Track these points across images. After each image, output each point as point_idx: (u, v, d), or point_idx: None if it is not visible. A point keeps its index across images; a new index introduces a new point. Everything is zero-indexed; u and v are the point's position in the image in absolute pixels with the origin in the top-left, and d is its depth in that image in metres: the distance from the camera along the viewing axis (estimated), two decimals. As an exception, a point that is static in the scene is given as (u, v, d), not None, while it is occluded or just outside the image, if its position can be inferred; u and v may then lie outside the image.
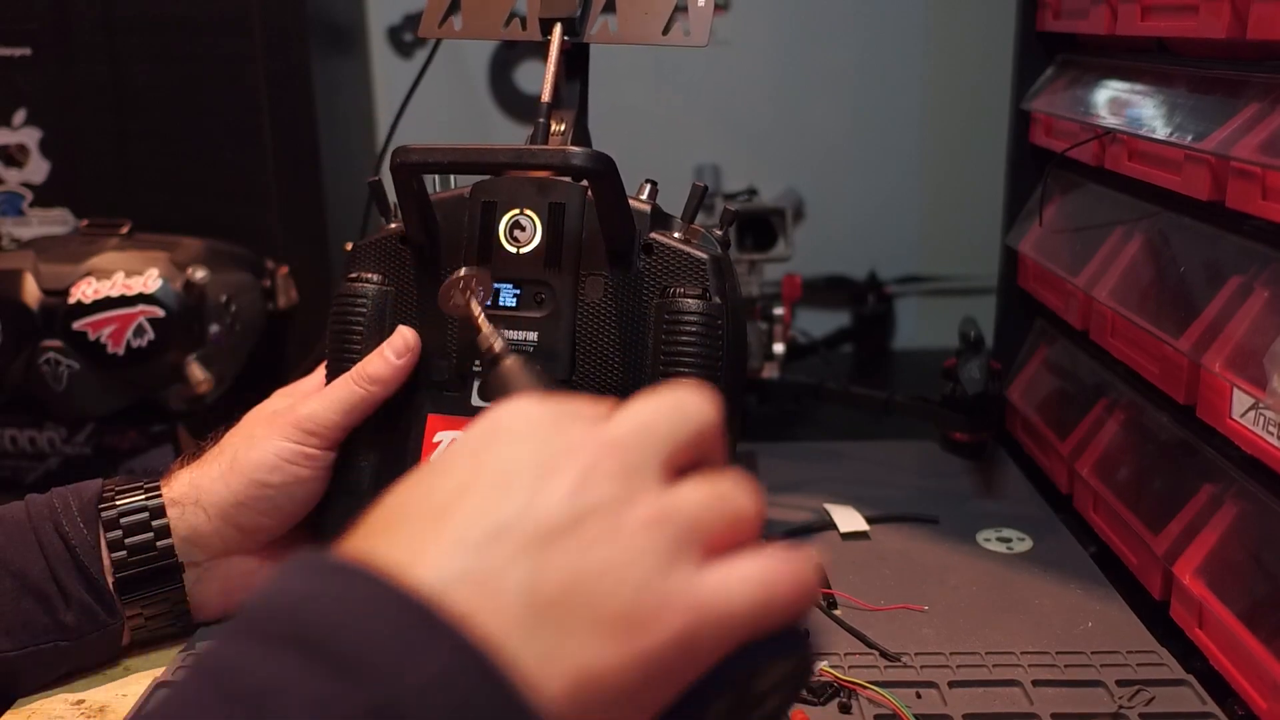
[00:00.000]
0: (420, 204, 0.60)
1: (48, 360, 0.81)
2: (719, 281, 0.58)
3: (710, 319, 0.57)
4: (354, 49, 1.19)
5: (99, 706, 0.56)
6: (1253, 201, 0.55)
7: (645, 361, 0.58)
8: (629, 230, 0.59)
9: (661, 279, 0.59)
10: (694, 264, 0.58)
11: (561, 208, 0.60)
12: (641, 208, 0.60)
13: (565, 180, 0.60)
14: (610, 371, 0.59)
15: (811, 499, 0.80)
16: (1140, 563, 0.65)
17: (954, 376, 0.87)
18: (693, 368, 0.57)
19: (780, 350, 0.95)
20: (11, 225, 0.97)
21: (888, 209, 1.25)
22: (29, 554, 0.57)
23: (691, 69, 1.22)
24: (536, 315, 0.60)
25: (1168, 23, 0.65)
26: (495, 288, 0.61)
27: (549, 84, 0.62)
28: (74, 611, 0.57)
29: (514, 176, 0.61)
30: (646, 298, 0.59)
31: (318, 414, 0.60)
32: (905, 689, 0.56)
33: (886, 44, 1.21)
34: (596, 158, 0.55)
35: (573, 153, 0.56)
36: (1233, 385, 0.55)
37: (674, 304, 0.58)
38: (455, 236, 0.62)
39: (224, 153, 0.96)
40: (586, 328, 0.59)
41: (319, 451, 0.60)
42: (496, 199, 0.61)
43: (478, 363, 0.60)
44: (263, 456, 0.59)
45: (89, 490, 0.60)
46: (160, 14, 0.94)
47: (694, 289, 0.58)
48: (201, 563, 0.60)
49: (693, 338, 0.57)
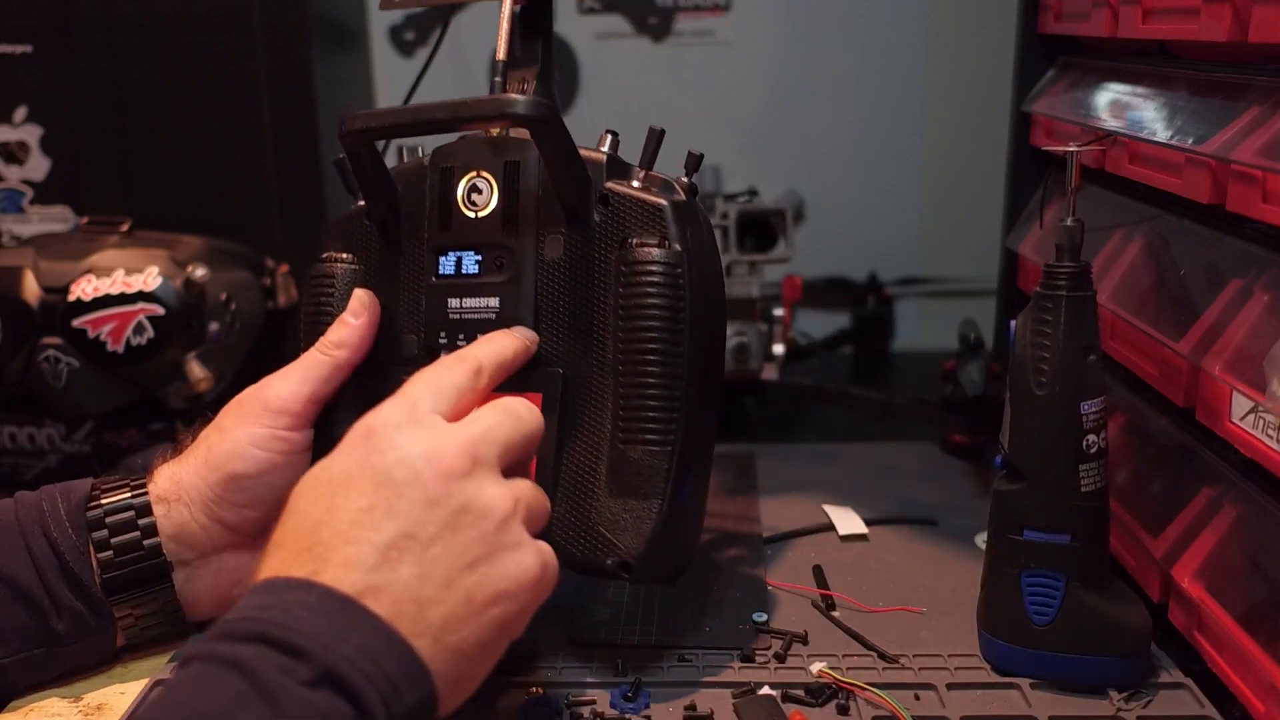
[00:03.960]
0: (377, 175, 0.59)
1: (47, 357, 0.81)
2: (679, 228, 0.56)
3: (669, 268, 0.55)
4: (355, 47, 1.19)
5: (97, 704, 0.56)
6: (1253, 205, 0.55)
7: (608, 318, 0.56)
8: (580, 182, 0.57)
9: (620, 230, 0.56)
10: (651, 211, 0.56)
11: (516, 166, 0.58)
12: (596, 157, 0.58)
13: (521, 138, 0.58)
14: (575, 332, 0.57)
15: (810, 501, 0.80)
16: (1139, 565, 0.65)
17: (953, 379, 0.87)
18: (654, 319, 0.54)
19: (780, 352, 0.95)
20: (12, 222, 0.97)
21: (888, 211, 1.25)
22: (18, 559, 0.56)
23: (692, 69, 1.22)
24: (498, 280, 0.58)
25: (1169, 25, 0.65)
26: (457, 255, 0.59)
27: (502, 40, 0.60)
28: (65, 619, 0.56)
29: (471, 140, 0.60)
30: (606, 251, 0.57)
31: (283, 391, 0.59)
32: (903, 691, 0.56)
33: (887, 46, 1.21)
34: (535, 105, 0.53)
35: (509, 100, 0.54)
36: (1232, 389, 0.55)
37: (631, 254, 0.55)
38: (418, 207, 0.61)
39: (224, 151, 0.96)
40: (548, 289, 0.58)
41: (290, 433, 0.58)
42: (453, 164, 0.60)
43: (443, 335, 0.60)
44: (234, 446, 0.58)
45: (78, 492, 0.58)
46: (161, 11, 0.94)
47: (652, 238, 0.56)
48: (191, 561, 0.59)
49: (652, 289, 0.55)
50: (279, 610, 0.42)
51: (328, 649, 0.41)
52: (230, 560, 0.60)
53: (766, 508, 0.79)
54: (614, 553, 0.55)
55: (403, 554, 0.44)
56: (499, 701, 0.56)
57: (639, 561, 0.55)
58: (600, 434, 0.56)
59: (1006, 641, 0.58)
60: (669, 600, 0.66)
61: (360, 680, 0.40)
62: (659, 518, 0.54)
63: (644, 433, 0.55)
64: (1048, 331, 0.56)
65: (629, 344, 0.55)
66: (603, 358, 0.56)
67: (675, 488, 0.55)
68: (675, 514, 0.55)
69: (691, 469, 0.56)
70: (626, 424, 0.55)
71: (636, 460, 0.55)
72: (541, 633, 0.62)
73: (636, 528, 0.55)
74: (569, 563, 0.55)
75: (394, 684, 0.41)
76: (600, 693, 0.56)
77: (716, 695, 0.56)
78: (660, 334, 0.54)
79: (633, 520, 0.55)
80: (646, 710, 0.55)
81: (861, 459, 0.89)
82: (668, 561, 0.57)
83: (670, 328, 0.55)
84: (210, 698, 0.40)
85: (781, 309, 0.95)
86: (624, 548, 0.55)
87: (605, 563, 0.55)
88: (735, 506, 0.79)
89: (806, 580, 0.69)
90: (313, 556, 0.44)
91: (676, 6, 1.21)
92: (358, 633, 0.42)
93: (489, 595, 0.46)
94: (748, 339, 0.92)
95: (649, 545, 0.54)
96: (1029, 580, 0.57)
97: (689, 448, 0.55)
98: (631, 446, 0.55)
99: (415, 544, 0.45)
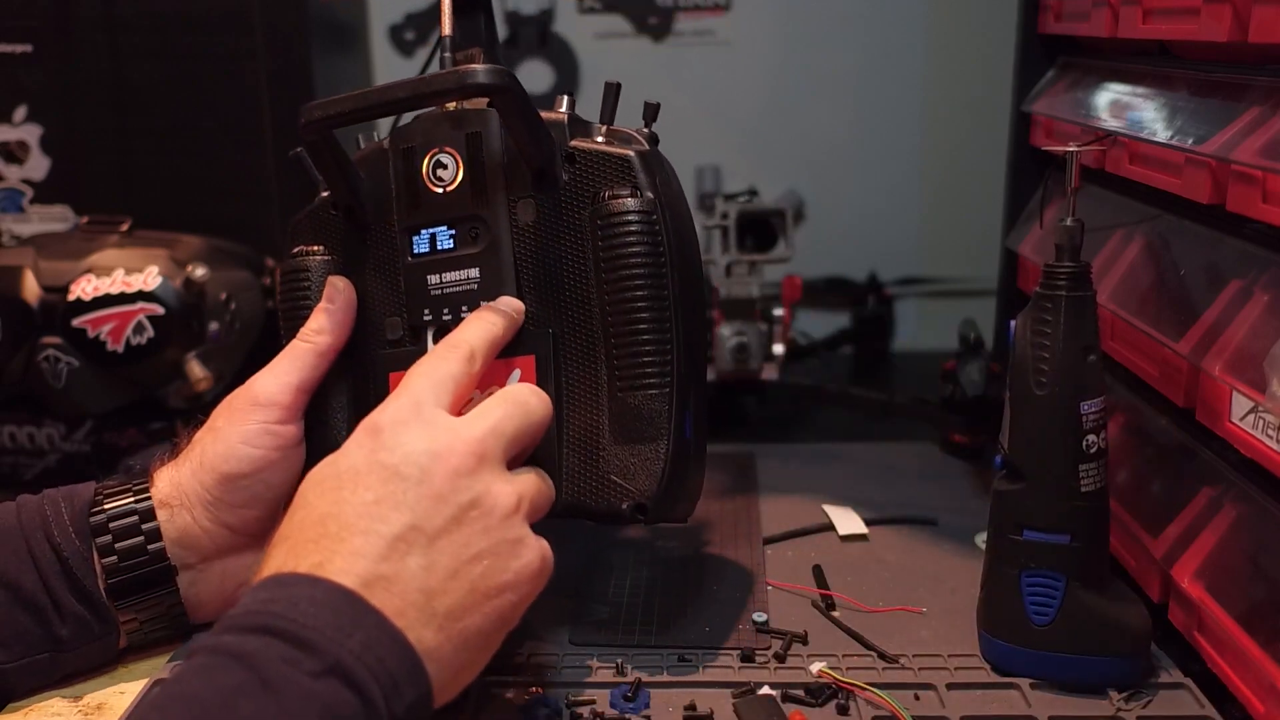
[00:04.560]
0: (338, 163, 0.60)
1: (47, 357, 0.81)
2: (648, 177, 0.56)
3: (645, 215, 0.56)
4: (355, 47, 1.19)
5: (97, 704, 0.56)
6: (1253, 205, 0.55)
7: (589, 273, 0.57)
8: (546, 144, 0.57)
9: (590, 185, 0.57)
10: (619, 163, 0.57)
11: (479, 136, 0.58)
12: (556, 118, 0.58)
13: (479, 109, 0.59)
14: (559, 291, 0.58)
15: (810, 501, 0.80)
16: (1139, 565, 0.65)
17: (953, 378, 0.87)
18: (637, 268, 0.55)
19: (780, 351, 0.95)
20: (12, 222, 0.97)
21: (888, 210, 1.25)
22: (21, 565, 0.56)
23: (692, 69, 1.22)
24: (475, 251, 0.59)
25: (1169, 26, 0.65)
26: (431, 232, 0.60)
27: (445, 16, 0.60)
28: (68, 624, 0.56)
29: (428, 117, 0.60)
30: (579, 208, 0.57)
31: (269, 384, 0.59)
32: (903, 690, 0.56)
33: (887, 45, 1.21)
34: (495, 72, 0.54)
35: (469, 71, 0.54)
36: (1232, 389, 0.55)
37: (605, 207, 0.56)
38: (383, 191, 0.61)
39: (224, 150, 0.96)
40: (526, 252, 0.58)
41: (281, 426, 0.58)
42: (414, 143, 0.60)
43: (427, 312, 0.60)
44: (228, 447, 0.58)
45: (81, 497, 0.58)
46: (161, 11, 0.94)
47: (623, 189, 0.56)
48: (195, 564, 0.59)
49: (631, 238, 0.55)
50: (285, 604, 0.43)
51: (334, 642, 0.41)
52: (234, 562, 0.60)
53: (766, 508, 0.79)
54: (628, 497, 0.56)
55: (410, 545, 0.46)
56: (499, 701, 0.56)
57: (653, 502, 0.56)
58: (597, 386, 0.57)
59: (1006, 641, 0.58)
60: (669, 600, 0.66)
61: (365, 674, 0.41)
62: (667, 457, 0.56)
63: (642, 378, 0.56)
64: (1048, 331, 0.56)
65: (615, 294, 0.56)
66: (589, 312, 0.57)
67: (678, 426, 0.56)
68: (681, 453, 0.56)
69: (690, 407, 0.57)
70: (623, 372, 0.56)
71: (637, 405, 0.56)
72: (542, 632, 0.62)
73: (647, 469, 0.56)
74: (586, 514, 0.57)
75: (395, 680, 0.42)
76: (600, 693, 0.56)
77: (716, 695, 0.56)
78: (645, 281, 0.55)
79: (641, 463, 0.56)
80: (646, 710, 0.55)
81: (861, 459, 0.89)
82: (679, 499, 0.58)
83: (654, 273, 0.56)
84: (214, 688, 0.40)
85: (781, 309, 0.95)
86: (637, 490, 0.56)
87: (621, 507, 0.56)
88: (735, 506, 0.79)
89: (806, 580, 0.69)
90: (319, 548, 0.45)
91: (676, 6, 1.21)
92: (362, 628, 0.42)
93: (492, 587, 0.47)
94: (748, 339, 0.92)
95: (660, 485, 0.56)
96: (1029, 580, 0.57)
97: (685, 387, 0.56)
98: (630, 393, 0.56)
99: (422, 536, 0.46)
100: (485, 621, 0.47)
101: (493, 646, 0.49)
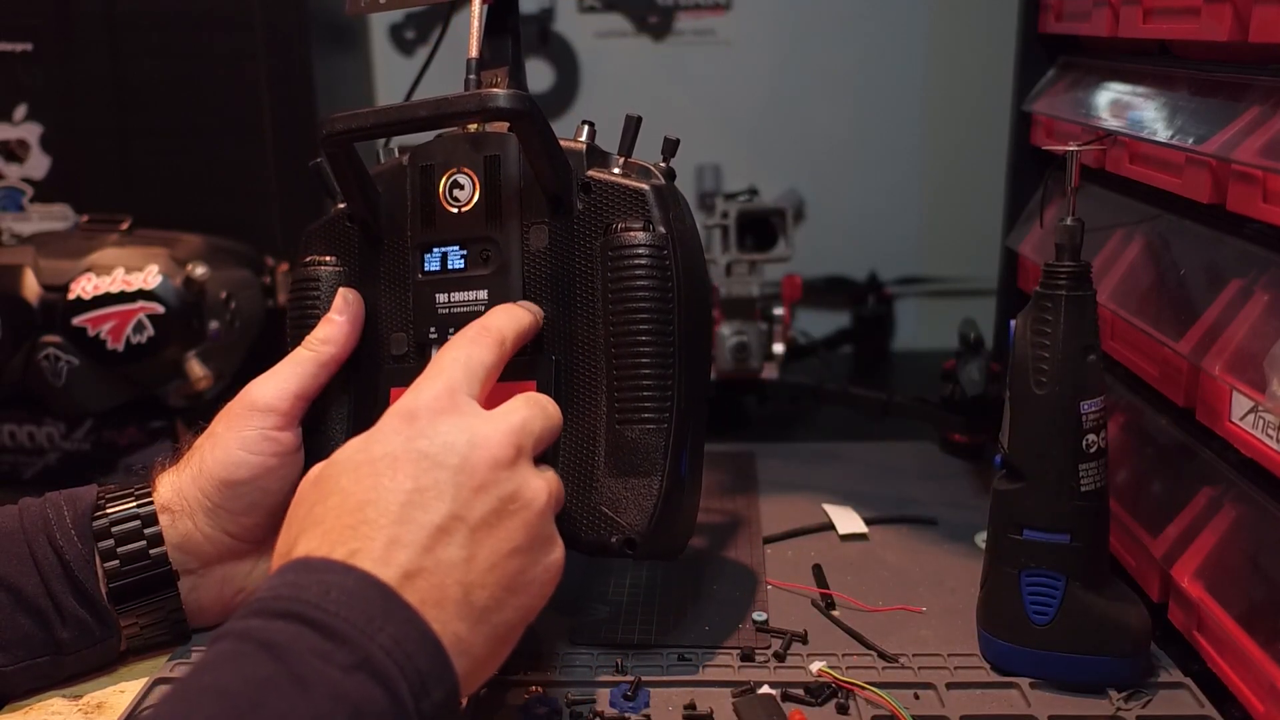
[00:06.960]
0: (357, 176, 0.60)
1: (47, 356, 0.81)
2: (662, 211, 0.57)
3: (655, 250, 0.56)
4: (355, 46, 1.19)
5: (97, 704, 0.56)
6: (1253, 205, 0.55)
7: (596, 303, 0.57)
8: (562, 171, 0.57)
9: (603, 216, 0.57)
10: (634, 196, 0.57)
11: (496, 160, 0.59)
12: (575, 147, 0.58)
13: (500, 133, 0.59)
14: (565, 319, 0.58)
15: (810, 500, 0.80)
16: (1138, 565, 0.65)
17: (953, 378, 0.87)
18: (644, 301, 0.55)
19: (780, 351, 0.95)
20: (12, 220, 0.97)
21: (888, 210, 1.25)
22: (23, 568, 0.56)
23: (692, 68, 1.22)
24: (485, 273, 0.59)
25: (1170, 25, 0.65)
26: (443, 251, 0.60)
27: (474, 39, 0.60)
28: (69, 628, 0.56)
29: (449, 137, 0.60)
30: (591, 238, 0.58)
31: (269, 390, 0.59)
32: (903, 690, 0.56)
33: (887, 45, 1.21)
34: (516, 98, 0.54)
35: (490, 95, 0.54)
36: (1232, 388, 0.55)
37: (617, 239, 0.56)
38: (399, 207, 0.61)
39: (224, 149, 0.96)
40: (535, 277, 0.59)
41: (279, 432, 0.58)
42: (433, 161, 0.60)
43: (433, 330, 0.60)
44: (226, 453, 0.57)
45: (83, 501, 0.58)
46: (161, 10, 0.94)
47: (636, 222, 0.56)
48: (196, 570, 0.59)
49: (640, 271, 0.56)
50: (317, 591, 0.41)
51: (365, 634, 0.40)
52: (234, 568, 0.60)
53: (766, 507, 0.79)
54: (618, 530, 0.56)
55: (451, 536, 0.45)
56: (499, 701, 0.56)
57: (643, 537, 0.56)
58: (596, 417, 0.57)
59: (1006, 641, 0.58)
60: (669, 600, 0.66)
61: (394, 671, 0.40)
62: (660, 493, 0.55)
63: (640, 412, 0.55)
64: (1048, 331, 0.56)
65: (620, 327, 0.56)
66: (593, 342, 0.57)
67: (673, 464, 0.56)
68: (675, 489, 0.56)
69: (687, 445, 0.57)
70: (622, 405, 0.56)
71: (634, 439, 0.56)
72: (542, 632, 0.62)
73: (638, 505, 0.56)
74: (574, 544, 0.56)
75: (423, 679, 0.41)
76: (600, 692, 0.56)
77: (716, 694, 0.56)
78: (651, 315, 0.55)
79: (634, 498, 0.56)
80: (646, 709, 0.55)
81: (861, 458, 0.89)
82: (670, 537, 0.58)
83: (660, 308, 0.56)
84: (242, 679, 0.39)
85: (781, 308, 0.95)
86: (627, 525, 0.56)
87: (610, 541, 0.56)
88: (735, 506, 0.79)
89: (806, 579, 0.69)
90: (357, 535, 0.44)
91: (677, 5, 1.21)
92: (393, 623, 0.42)
93: (525, 581, 0.47)
94: (748, 338, 0.92)
95: (651, 521, 0.55)
96: (1029, 580, 0.57)
97: (684, 424, 0.56)
98: (628, 426, 0.56)
99: (464, 526, 0.46)
100: (515, 616, 0.47)
101: (514, 642, 0.48)
